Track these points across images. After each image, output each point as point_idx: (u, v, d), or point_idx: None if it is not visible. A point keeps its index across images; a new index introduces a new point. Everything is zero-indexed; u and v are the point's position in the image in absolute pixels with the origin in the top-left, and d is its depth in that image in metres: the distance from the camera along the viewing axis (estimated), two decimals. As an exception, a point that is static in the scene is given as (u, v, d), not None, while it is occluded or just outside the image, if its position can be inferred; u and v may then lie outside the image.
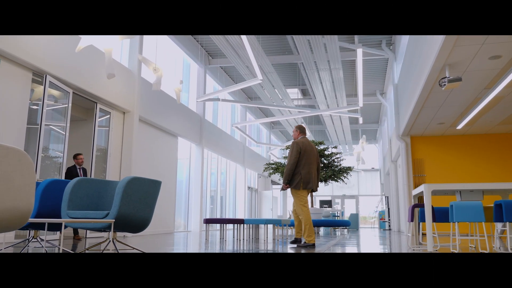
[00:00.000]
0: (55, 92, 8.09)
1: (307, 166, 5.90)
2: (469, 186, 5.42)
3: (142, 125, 10.98)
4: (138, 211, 3.53)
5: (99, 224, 3.36)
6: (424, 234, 11.69)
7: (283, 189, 6.08)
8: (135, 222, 3.52)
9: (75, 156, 8.28)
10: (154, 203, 3.75)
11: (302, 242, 6.04)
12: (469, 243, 6.80)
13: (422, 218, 6.31)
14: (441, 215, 6.09)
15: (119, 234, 9.63)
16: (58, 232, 8.47)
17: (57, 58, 7.75)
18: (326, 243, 7.10)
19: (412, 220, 5.83)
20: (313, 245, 5.82)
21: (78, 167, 8.27)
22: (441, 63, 6.80)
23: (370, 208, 28.81)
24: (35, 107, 7.91)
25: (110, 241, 3.70)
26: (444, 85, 6.76)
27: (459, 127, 10.31)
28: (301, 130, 6.24)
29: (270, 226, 17.97)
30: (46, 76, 7.58)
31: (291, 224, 11.84)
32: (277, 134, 26.80)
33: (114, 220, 3.34)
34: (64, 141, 8.19)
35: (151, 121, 11.17)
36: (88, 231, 8.93)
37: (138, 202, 3.54)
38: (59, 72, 7.79)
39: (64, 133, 8.19)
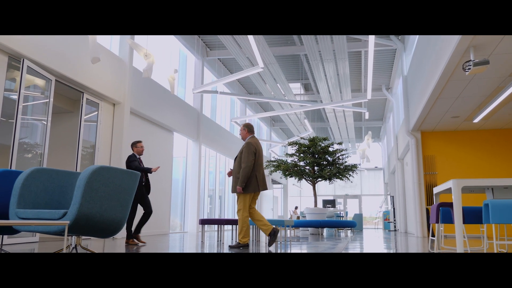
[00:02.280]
0: (39, 82, 7.33)
1: (261, 168, 5.87)
2: (504, 182, 4.67)
3: (134, 118, 10.21)
4: (106, 211, 2.77)
5: (53, 227, 2.59)
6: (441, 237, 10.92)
7: (234, 191, 5.83)
8: (102, 225, 2.76)
9: (135, 144, 6.95)
10: (129, 200, 2.99)
11: (236, 243, 5.87)
12: (497, 247, 6.04)
13: (444, 219, 5.54)
14: (467, 216, 5.32)
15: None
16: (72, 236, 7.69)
17: (37, 40, 6.99)
18: (336, 246, 6.37)
19: (437, 221, 5.06)
20: (247, 245, 5.80)
21: (138, 156, 6.92)
22: (465, 45, 6.04)
23: (373, 208, 28.04)
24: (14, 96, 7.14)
25: (73, 247, 2.94)
26: (469, 69, 6.00)
27: (476, 120, 9.55)
28: (249, 129, 6.05)
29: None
30: (23, 60, 6.82)
31: (296, 225, 11.08)
32: (277, 131, 26.03)
33: (69, 222, 2.57)
34: (45, 134, 7.42)
35: (144, 114, 10.40)
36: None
37: (107, 198, 2.78)
38: (39, 57, 7.03)
39: (45, 122, 7.41)
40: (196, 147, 13.63)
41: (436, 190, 5.80)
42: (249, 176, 5.70)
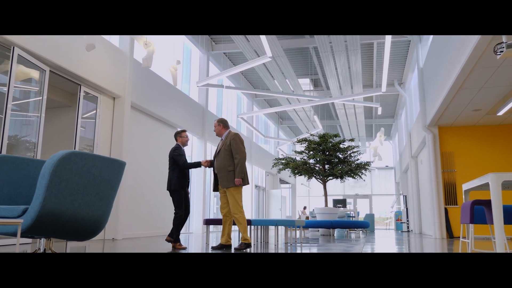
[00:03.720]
0: (32, 72, 6.82)
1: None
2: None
3: (135, 113, 9.69)
4: (80, 207, 2.22)
5: (9, 227, 2.04)
6: (459, 238, 10.27)
7: (226, 186, 5.47)
8: (75, 224, 2.20)
9: (179, 133, 6.14)
10: (111, 195, 2.44)
11: (239, 244, 5.46)
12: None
13: (478, 219, 4.95)
14: (505, 216, 4.71)
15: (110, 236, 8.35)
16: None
17: (27, 26, 6.47)
18: (352, 248, 5.79)
19: (471, 222, 4.45)
20: (251, 245, 5.53)
21: (183, 148, 6.13)
22: (496, 25, 5.42)
23: (383, 208, 27.36)
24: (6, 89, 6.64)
25: (41, 251, 2.39)
26: (501, 52, 5.40)
27: (501, 113, 8.91)
28: (224, 124, 5.80)
29: (280, 228, 16.60)
30: (13, 48, 6.31)
31: (307, 225, 10.50)
32: (285, 130, 25.44)
33: (30, 221, 2.02)
34: (38, 129, 6.90)
35: (146, 109, 9.88)
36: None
37: (82, 192, 2.22)
38: (31, 45, 6.52)
39: (38, 115, 6.90)
40: (202, 144, 13.10)
41: (466, 186, 5.19)
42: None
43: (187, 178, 5.92)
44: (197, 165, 5.86)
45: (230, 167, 5.48)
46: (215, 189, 5.74)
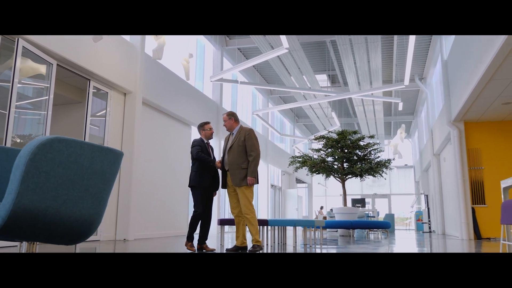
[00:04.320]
0: (42, 69, 6.54)
1: None
2: None
3: (146, 109, 9.37)
4: (66, 204, 1.85)
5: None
6: (489, 239, 9.73)
7: (238, 185, 5.09)
8: (59, 225, 1.84)
9: (202, 126, 5.68)
10: (106, 190, 2.07)
11: (252, 247, 5.06)
12: None
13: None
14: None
15: (117, 236, 8.04)
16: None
17: (32, 17, 6.18)
18: (377, 249, 5.35)
19: (516, 222, 3.98)
20: (262, 247, 5.17)
21: (205, 141, 5.67)
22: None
23: (402, 208, 26.68)
24: (19, 85, 6.34)
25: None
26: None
27: (534, 106, 8.35)
28: (235, 117, 5.40)
29: (298, 228, 16.07)
30: (18, 40, 6.02)
31: (328, 225, 10.05)
32: (301, 128, 24.98)
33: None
34: (45, 127, 6.60)
35: (158, 105, 9.55)
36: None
37: (67, 186, 1.85)
38: (37, 37, 6.23)
39: (45, 112, 6.60)
40: (216, 142, 12.74)
41: (505, 183, 4.72)
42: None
43: (210, 176, 5.43)
44: (210, 161, 5.43)
45: (243, 165, 5.13)
46: (224, 186, 5.37)
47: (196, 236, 8.38)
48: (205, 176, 5.39)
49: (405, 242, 8.52)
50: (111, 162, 2.05)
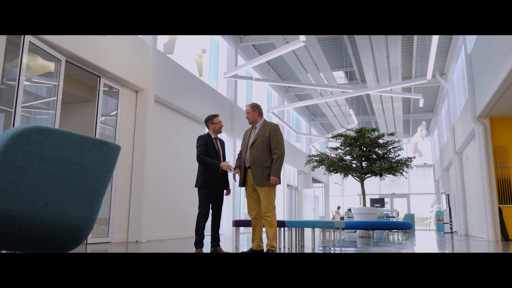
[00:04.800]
0: (46, 63, 6.33)
1: None
2: None
3: (159, 107, 9.13)
4: (47, 207, 1.57)
5: None
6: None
7: (261, 185, 4.70)
8: (41, 233, 1.56)
9: (211, 119, 5.13)
10: (99, 189, 1.79)
11: (267, 251, 4.74)
12: None
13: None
14: None
15: (129, 238, 7.80)
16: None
17: (39, 11, 5.96)
18: (403, 250, 4.99)
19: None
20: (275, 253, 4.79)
21: (213, 136, 5.16)
22: None
23: (421, 207, 26.05)
24: (27, 83, 6.14)
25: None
26: None
27: None
28: (260, 110, 5.01)
29: (316, 230, 15.62)
30: (24, 36, 5.82)
31: (348, 226, 9.68)
32: (317, 127, 24.56)
33: None
34: (53, 123, 6.39)
35: (171, 103, 9.31)
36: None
37: (50, 186, 1.57)
38: (42, 31, 6.00)
39: (53, 111, 6.39)
40: (230, 141, 12.46)
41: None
42: None
43: (216, 176, 4.97)
44: (214, 164, 4.91)
45: (267, 163, 4.74)
46: (243, 184, 4.98)
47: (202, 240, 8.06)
48: (211, 177, 4.97)
49: (429, 243, 8.11)
50: (105, 157, 1.75)
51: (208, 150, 5.05)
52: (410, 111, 20.61)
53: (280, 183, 4.82)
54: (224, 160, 5.23)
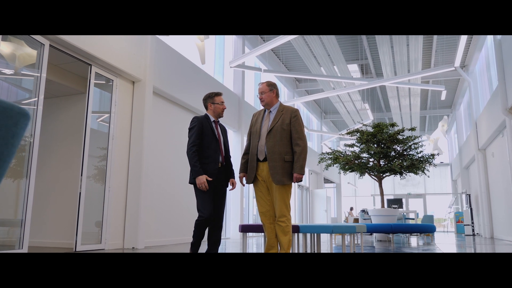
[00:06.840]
0: (26, 48, 5.58)
1: None
2: None
3: (158, 99, 8.36)
4: None
5: None
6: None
7: (282, 183, 3.80)
8: None
9: (211, 97, 4.10)
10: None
11: None
12: None
13: None
14: None
15: (127, 241, 7.01)
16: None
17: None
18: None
19: None
20: None
21: (212, 119, 4.11)
22: None
23: (438, 208, 25.01)
24: (19, 77, 5.39)
25: None
26: None
27: None
28: (277, 90, 4.10)
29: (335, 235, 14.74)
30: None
31: (369, 230, 8.82)
32: (329, 125, 23.67)
33: None
34: (34, 121, 5.61)
35: (171, 95, 8.53)
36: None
37: None
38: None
39: (34, 107, 5.61)
40: (238, 138, 11.65)
41: None
42: None
43: (217, 165, 3.93)
44: (195, 171, 3.82)
45: (287, 156, 3.84)
46: (253, 180, 3.98)
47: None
48: (210, 167, 3.93)
49: (459, 249, 7.23)
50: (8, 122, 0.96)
51: (205, 135, 3.97)
52: (427, 107, 19.65)
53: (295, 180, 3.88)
54: (227, 151, 4.13)
